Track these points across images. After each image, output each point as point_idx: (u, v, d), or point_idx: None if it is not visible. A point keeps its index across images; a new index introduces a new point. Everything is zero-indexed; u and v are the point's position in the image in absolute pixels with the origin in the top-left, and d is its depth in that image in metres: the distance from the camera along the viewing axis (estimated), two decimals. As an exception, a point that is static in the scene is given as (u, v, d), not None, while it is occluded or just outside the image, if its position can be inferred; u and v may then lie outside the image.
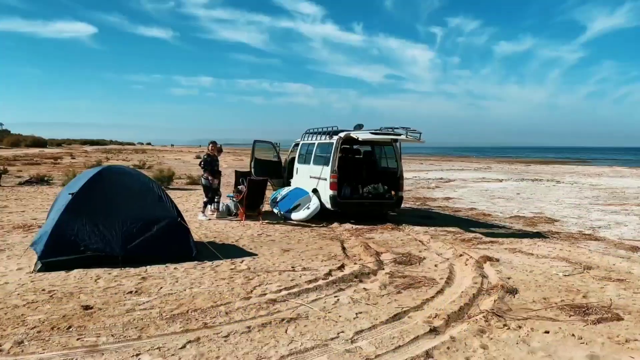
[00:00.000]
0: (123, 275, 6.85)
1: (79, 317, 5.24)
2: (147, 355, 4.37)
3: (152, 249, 7.48)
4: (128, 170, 8.54)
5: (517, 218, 14.15)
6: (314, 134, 13.28)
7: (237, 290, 6.33)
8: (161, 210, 7.82)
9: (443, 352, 4.56)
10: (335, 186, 11.48)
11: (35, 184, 19.16)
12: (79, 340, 4.66)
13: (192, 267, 7.34)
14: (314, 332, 4.97)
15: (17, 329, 4.89)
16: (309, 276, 7.04)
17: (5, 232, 9.74)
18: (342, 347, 4.62)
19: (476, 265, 7.79)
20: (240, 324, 5.15)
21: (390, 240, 9.96)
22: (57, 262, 7.01)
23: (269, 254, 8.46)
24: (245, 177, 13.68)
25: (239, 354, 4.44)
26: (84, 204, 7.37)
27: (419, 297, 6.23)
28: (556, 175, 34.75)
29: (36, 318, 5.20)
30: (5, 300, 5.72)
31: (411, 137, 10.77)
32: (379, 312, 5.62)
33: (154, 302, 5.80)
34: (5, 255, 7.86)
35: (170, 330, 4.96)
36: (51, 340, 4.64)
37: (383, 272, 7.36)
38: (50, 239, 7.01)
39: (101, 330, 4.90)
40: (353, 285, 6.66)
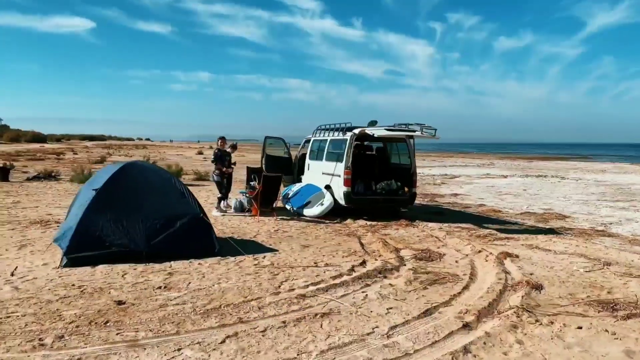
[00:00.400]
0: (149, 271, 6.88)
1: (114, 312, 5.27)
2: (188, 350, 4.41)
3: (175, 244, 7.51)
4: (150, 166, 8.57)
5: (527, 214, 14.20)
6: (326, 131, 13.30)
7: (264, 285, 6.37)
8: (184, 206, 7.85)
9: (480, 347, 4.61)
10: (349, 182, 11.51)
11: (44, 179, 19.15)
12: (118, 335, 4.69)
13: (216, 263, 7.37)
14: (349, 327, 5.01)
15: (55, 324, 4.92)
16: (332, 272, 7.07)
17: (23, 228, 9.77)
18: (380, 342, 4.66)
19: (497, 262, 7.84)
20: (274, 319, 5.19)
21: (407, 236, 10.00)
22: (82, 257, 7.03)
23: (289, 249, 8.50)
24: (256, 173, 13.71)
25: (279, 349, 4.48)
26: (107, 199, 7.39)
27: (446, 292, 6.28)
28: (560, 171, 34.82)
29: (72, 313, 5.23)
30: (37, 295, 5.75)
31: (426, 133, 10.79)
32: (409, 307, 5.66)
33: (185, 297, 5.83)
34: (28, 251, 7.89)
35: (206, 325, 5.00)
36: (91, 335, 4.68)
37: (405, 268, 7.40)
38: (75, 235, 7.03)
39: (138, 325, 4.94)
40: (378, 281, 6.70)
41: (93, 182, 8.13)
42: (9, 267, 6.98)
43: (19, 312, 5.22)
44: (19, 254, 7.68)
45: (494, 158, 57.87)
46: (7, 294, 5.79)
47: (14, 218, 10.82)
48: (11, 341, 4.50)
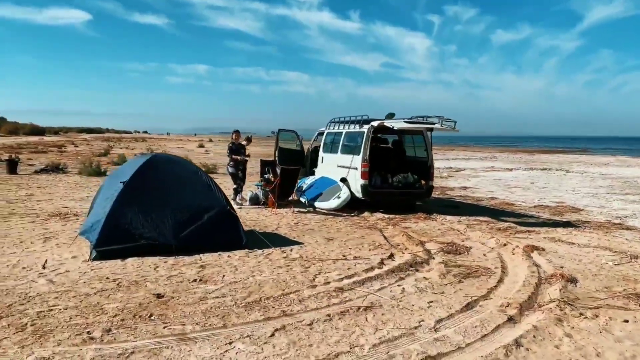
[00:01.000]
0: (180, 263, 6.84)
1: (155, 306, 5.24)
2: (239, 344, 4.38)
3: (204, 237, 7.47)
4: (176, 158, 8.51)
5: (541, 207, 14.19)
6: (340, 123, 13.25)
7: (299, 278, 6.34)
8: (211, 198, 7.80)
9: (530, 340, 4.59)
10: (366, 175, 11.47)
11: (52, 172, 19.05)
12: (166, 329, 4.66)
13: (245, 256, 7.34)
14: (394, 321, 4.99)
15: (100, 317, 4.88)
16: (363, 265, 7.04)
17: (43, 220, 9.71)
18: (429, 336, 4.64)
19: (524, 255, 7.82)
20: (318, 312, 5.16)
21: (428, 229, 9.97)
22: (111, 250, 6.99)
23: (314, 242, 8.47)
24: (270, 165, 13.68)
25: (331, 342, 4.45)
26: (135, 192, 7.34)
27: (482, 286, 6.26)
28: (563, 164, 34.85)
29: (113, 306, 5.19)
30: (74, 289, 5.70)
31: (445, 126, 10.75)
32: (449, 301, 5.64)
33: (223, 290, 5.80)
34: (53, 244, 7.84)
35: (252, 318, 4.97)
36: (138, 328, 4.64)
37: (435, 261, 7.37)
38: (104, 228, 6.99)
39: (183, 319, 4.90)
40: (411, 275, 6.68)
41: (119, 175, 8.06)
42: (38, 259, 6.93)
43: (60, 306, 5.17)
44: (45, 247, 7.62)
45: (495, 151, 57.90)
46: (43, 287, 5.74)
47: (31, 211, 10.76)
48: (59, 335, 4.46)
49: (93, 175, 18.22)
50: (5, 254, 7.19)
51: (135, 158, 8.51)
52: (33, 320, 4.76)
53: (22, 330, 4.55)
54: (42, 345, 4.25)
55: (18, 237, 8.25)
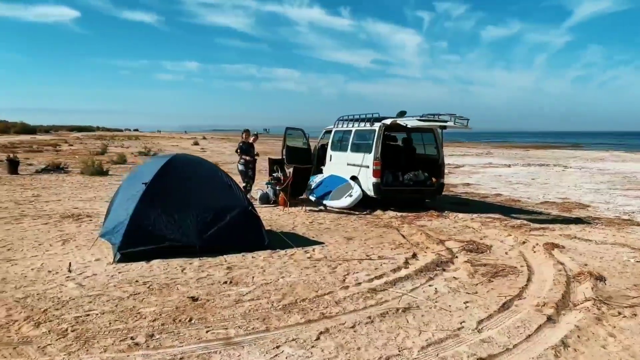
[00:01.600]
0: (206, 265, 6.79)
1: (193, 309, 5.19)
2: (287, 347, 4.34)
3: (227, 238, 7.42)
4: (195, 158, 8.44)
5: (548, 204, 14.24)
6: (349, 121, 13.21)
7: (329, 279, 6.31)
8: (232, 198, 7.76)
9: (576, 341, 4.58)
10: (378, 173, 11.45)
11: (53, 172, 18.88)
12: (209, 333, 4.62)
13: (269, 256, 7.30)
14: (436, 322, 4.97)
15: (139, 322, 4.83)
16: (389, 265, 7.03)
17: (56, 222, 9.62)
18: (475, 337, 4.63)
19: (546, 252, 7.83)
20: (357, 314, 5.14)
21: (444, 228, 9.97)
22: (135, 252, 6.92)
23: (335, 242, 8.44)
24: (279, 164, 13.62)
25: (378, 345, 4.43)
26: (158, 193, 7.27)
27: (513, 285, 6.25)
28: (560, 160, 35.02)
29: (150, 310, 5.14)
30: (106, 293, 5.64)
31: (458, 123, 10.74)
32: (485, 301, 5.63)
33: (256, 292, 5.76)
34: (72, 246, 7.77)
35: (292, 321, 4.93)
36: (181, 333, 4.59)
37: (460, 260, 7.37)
38: (128, 230, 6.92)
39: (224, 322, 4.87)
40: (439, 274, 6.67)
41: (139, 176, 7.98)
42: (61, 262, 6.86)
43: (97, 310, 5.12)
44: (65, 249, 7.55)
45: (489, 147, 58.08)
46: (74, 291, 5.68)
47: (42, 212, 10.66)
48: (103, 340, 4.41)
49: (95, 175, 18.10)
50: (26, 257, 7.10)
51: (155, 158, 8.43)
52: (72, 326, 4.70)
53: (64, 336, 4.49)
54: (88, 351, 4.20)
55: (35, 239, 8.16)
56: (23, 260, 6.91)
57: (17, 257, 7.06)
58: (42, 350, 4.21)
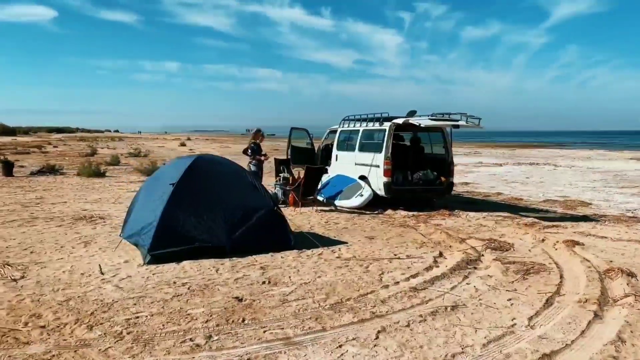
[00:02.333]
0: (238, 265, 6.75)
1: (242, 310, 5.16)
2: (349, 347, 4.33)
3: (254, 238, 7.40)
4: (219, 158, 8.37)
5: (550, 202, 14.42)
6: (355, 121, 13.24)
7: (366, 278, 6.31)
8: (258, 199, 7.73)
9: (631, 336, 4.64)
10: (389, 173, 11.48)
11: (48, 173, 18.61)
12: (266, 333, 4.59)
13: (297, 256, 7.29)
14: (488, 320, 5.00)
15: (192, 323, 4.79)
16: (420, 264, 7.05)
17: (70, 224, 9.51)
18: (530, 334, 4.67)
19: (568, 249, 7.92)
20: (407, 313, 5.15)
21: (459, 226, 10.03)
22: (165, 253, 6.86)
23: (357, 241, 8.45)
24: (285, 164, 13.60)
25: (439, 343, 4.44)
26: (185, 194, 7.21)
27: (548, 282, 6.32)
28: (548, 159, 35.46)
29: (199, 311, 5.10)
30: (147, 294, 5.59)
31: (470, 123, 10.83)
32: (527, 298, 5.68)
33: (298, 292, 5.75)
34: (96, 248, 7.68)
35: (345, 320, 4.93)
36: (239, 334, 4.57)
37: (488, 258, 7.42)
38: (157, 231, 6.86)
39: (278, 322, 4.85)
40: (473, 272, 6.71)
41: (162, 177, 7.91)
42: (89, 265, 6.79)
43: (145, 312, 5.06)
44: (89, 252, 7.47)
45: (475, 147, 58.46)
46: (114, 294, 5.61)
47: (52, 214, 10.52)
48: (163, 343, 4.36)
49: (93, 177, 17.88)
50: (52, 259, 7.00)
51: (179, 159, 8.36)
52: (126, 328, 4.65)
53: (121, 338, 4.44)
54: (151, 354, 4.15)
55: (55, 241, 8.05)
56: (51, 263, 6.80)
57: (43, 260, 6.95)
58: (105, 353, 4.15)
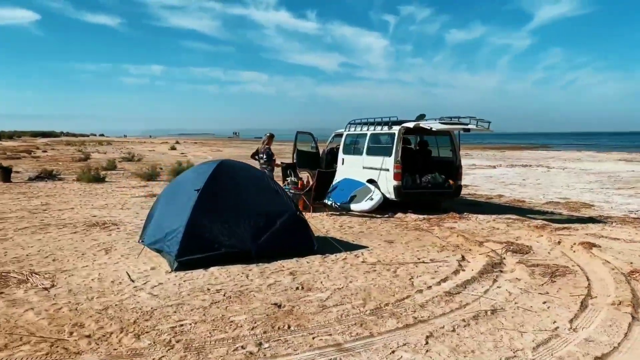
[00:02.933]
0: (267, 271, 6.75)
1: (284, 316, 5.16)
2: (402, 352, 4.36)
3: (278, 243, 7.41)
4: (241, 164, 8.34)
5: (553, 204, 14.57)
6: (362, 125, 13.28)
7: (398, 283, 6.34)
8: (280, 203, 7.73)
9: (675, 337, 4.70)
10: (399, 177, 11.54)
11: (47, 179, 18.42)
12: (316, 339, 4.60)
13: (323, 261, 7.31)
14: (530, 323, 5.05)
15: (239, 330, 4.79)
16: (445, 268, 7.10)
17: (84, 231, 9.42)
18: (576, 337, 4.72)
19: (587, 252, 8.01)
20: (449, 317, 5.18)
21: (472, 229, 10.09)
22: (192, 260, 6.83)
23: (378, 245, 8.48)
24: (291, 168, 13.60)
25: (489, 347, 4.48)
26: (211, 199, 7.20)
27: (577, 284, 6.39)
28: (540, 160, 35.80)
29: (242, 318, 5.09)
30: (185, 302, 5.57)
31: (480, 126, 10.92)
32: (562, 300, 5.75)
33: (335, 297, 5.76)
34: (118, 255, 7.63)
35: (391, 325, 4.95)
36: (289, 340, 4.57)
37: (510, 261, 7.48)
38: (185, 237, 6.84)
39: (324, 328, 4.86)
40: (500, 276, 6.77)
41: (184, 183, 7.89)
42: (116, 272, 6.75)
43: (187, 320, 5.05)
44: (112, 259, 7.41)
45: (464, 149, 58.91)
46: (151, 301, 5.59)
47: (62, 221, 10.42)
48: (215, 350, 4.36)
49: (93, 182, 17.72)
50: (78, 267, 6.94)
51: (201, 165, 8.33)
52: (174, 337, 4.63)
53: (172, 347, 4.42)
54: (207, 362, 4.13)
55: (74, 249, 7.97)
56: (77, 271, 6.74)
57: (68, 268, 6.89)
58: (160, 362, 4.13)
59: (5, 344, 4.44)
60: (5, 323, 4.94)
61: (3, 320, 5.01)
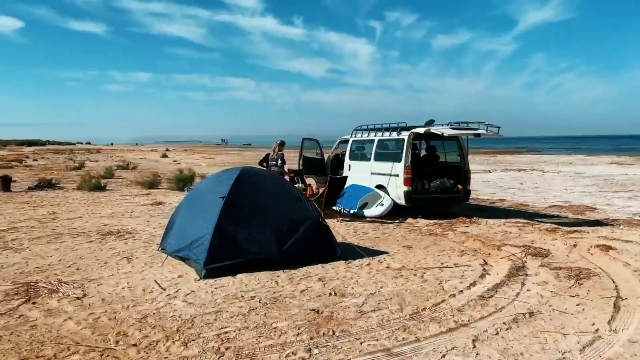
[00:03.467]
0: (295, 278, 6.76)
1: (325, 322, 5.18)
2: (452, 356, 4.40)
3: (303, 249, 7.42)
4: (261, 171, 8.37)
5: (556, 207, 14.71)
6: (369, 131, 13.35)
7: (429, 288, 6.39)
8: (302, 210, 7.76)
9: None
10: (409, 182, 11.61)
11: (47, 188, 18.27)
12: (364, 344, 4.63)
13: (347, 267, 7.34)
14: (570, 325, 5.11)
15: (285, 337, 4.80)
16: (470, 272, 7.16)
17: (100, 240, 9.37)
18: (619, 338, 4.79)
19: (604, 254, 8.10)
20: (489, 321, 5.23)
21: (486, 233, 10.17)
22: (220, 267, 6.83)
23: (397, 251, 8.52)
24: (298, 175, 13.62)
25: (537, 349, 4.53)
26: (235, 207, 7.21)
27: (604, 286, 6.47)
28: (533, 165, 36.11)
29: (283, 325, 5.11)
30: (222, 309, 5.57)
31: (490, 131, 11.03)
32: (594, 303, 5.82)
33: (370, 303, 5.79)
34: (141, 263, 7.60)
35: (433, 330, 4.99)
36: (337, 346, 4.59)
37: (533, 264, 7.55)
38: (212, 245, 6.84)
39: (369, 334, 4.89)
40: (527, 279, 6.83)
41: (206, 190, 7.90)
42: (143, 280, 6.73)
43: (230, 327, 5.05)
44: (136, 267, 7.39)
45: (455, 153, 59.35)
46: (188, 309, 5.58)
47: (74, 230, 10.35)
48: (267, 357, 4.39)
49: (94, 190, 17.61)
50: (104, 276, 6.91)
51: (222, 172, 8.33)
52: (221, 344, 4.64)
53: (222, 354, 4.43)
54: (261, 369, 4.13)
55: (95, 258, 7.93)
56: (104, 280, 6.72)
57: (95, 277, 6.86)
58: (215, 369, 4.12)
59: (54, 354, 4.42)
60: (47, 333, 4.91)
61: (44, 330, 4.98)
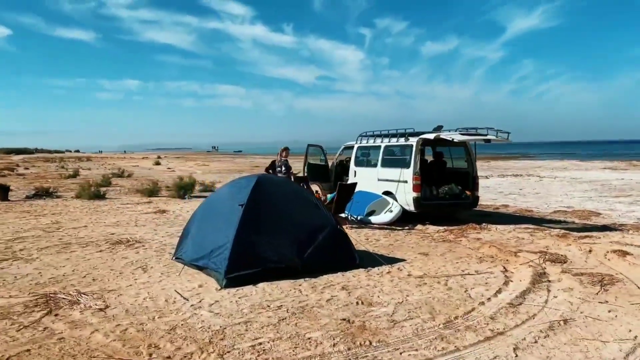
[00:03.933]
0: (317, 287, 6.67)
1: (360, 332, 5.10)
2: (496, 365, 4.31)
3: (322, 257, 7.34)
4: (278, 178, 8.29)
5: (561, 212, 14.72)
6: (375, 137, 13.30)
7: (455, 296, 6.32)
8: (320, 217, 7.68)
9: None
10: (418, 188, 11.55)
11: (45, 197, 18.04)
12: (404, 355, 4.56)
13: (368, 275, 7.27)
14: (606, 332, 5.07)
15: (321, 347, 4.72)
16: (493, 279, 7.10)
17: (110, 249, 9.21)
18: (658, 344, 4.72)
19: (621, 260, 8.08)
20: (522, 329, 5.17)
21: (499, 239, 10.12)
22: (240, 276, 6.73)
23: (415, 258, 8.44)
24: (303, 181, 13.53)
25: (580, 357, 4.50)
26: (254, 215, 7.11)
27: (630, 292, 6.44)
28: (528, 170, 36.25)
29: (317, 335, 5.02)
30: (251, 319, 5.47)
31: (500, 137, 11.01)
32: (624, 309, 5.78)
33: (401, 312, 5.71)
34: (158, 273, 7.47)
35: (471, 339, 4.92)
36: (377, 357, 4.51)
37: (554, 271, 7.50)
38: (233, 254, 6.73)
39: (407, 343, 4.81)
40: (551, 285, 6.78)
41: (223, 198, 7.80)
42: (163, 290, 6.60)
43: (263, 338, 4.96)
44: (153, 277, 7.26)
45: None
46: (216, 320, 5.48)
47: (82, 239, 10.18)
48: (309, 369, 4.25)
49: (94, 199, 17.42)
50: (122, 287, 6.78)
51: (238, 180, 8.22)
52: (258, 356, 4.55)
53: (261, 367, 4.30)
54: (305, 381, 4.03)
55: (109, 268, 7.78)
56: (123, 290, 6.59)
57: (113, 287, 6.72)
58: (258, 382, 4.02)
59: (88, 368, 4.28)
60: (76, 346, 4.78)
61: (73, 343, 4.85)
